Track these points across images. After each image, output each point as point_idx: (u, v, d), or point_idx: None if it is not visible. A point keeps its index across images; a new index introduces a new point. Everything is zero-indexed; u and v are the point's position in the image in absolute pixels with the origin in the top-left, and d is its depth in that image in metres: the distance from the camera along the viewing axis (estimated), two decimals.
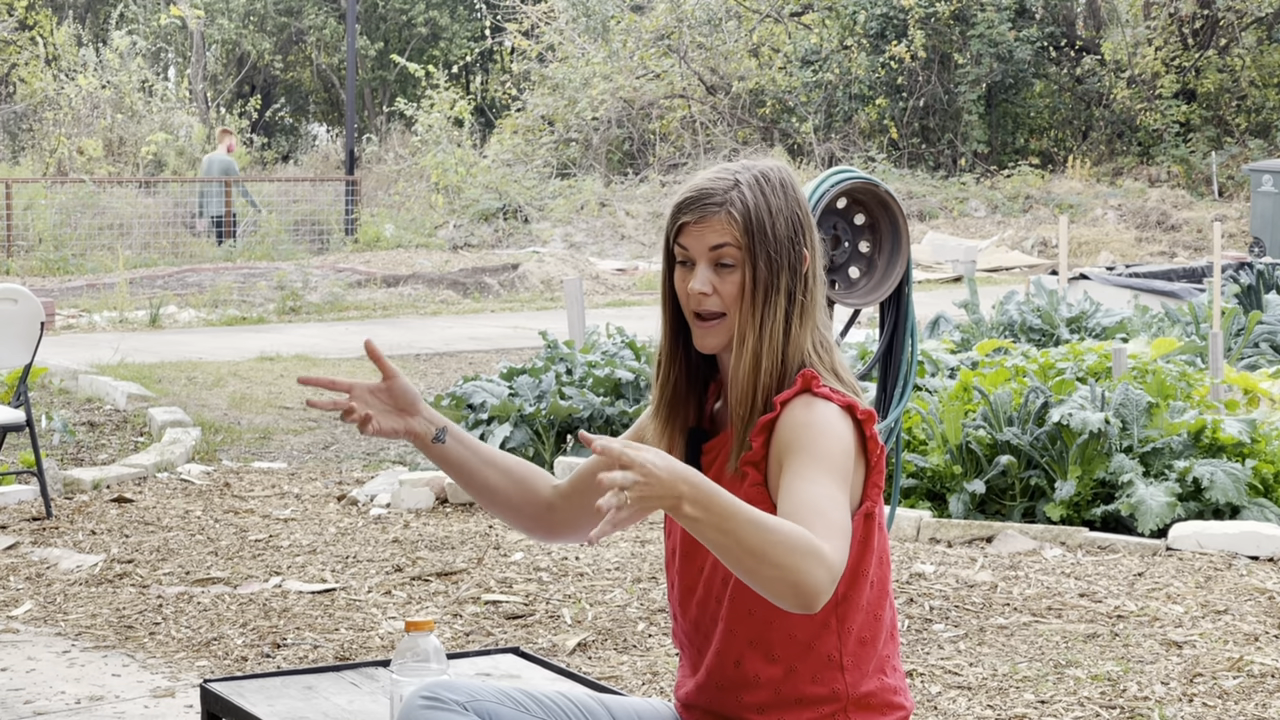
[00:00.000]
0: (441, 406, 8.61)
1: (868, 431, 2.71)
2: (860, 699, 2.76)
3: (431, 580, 6.40)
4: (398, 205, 25.68)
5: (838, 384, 2.73)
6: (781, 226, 2.75)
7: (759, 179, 2.76)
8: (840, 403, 2.69)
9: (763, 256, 2.73)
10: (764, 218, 2.74)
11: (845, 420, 2.69)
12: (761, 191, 2.75)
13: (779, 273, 2.74)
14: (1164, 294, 13.40)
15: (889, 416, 5.79)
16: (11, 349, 7.69)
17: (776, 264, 2.74)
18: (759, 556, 2.45)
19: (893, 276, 5.72)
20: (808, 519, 2.53)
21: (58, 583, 6.48)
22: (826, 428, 2.65)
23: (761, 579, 2.46)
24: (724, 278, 2.74)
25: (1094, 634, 5.62)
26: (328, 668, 3.39)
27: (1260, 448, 7.24)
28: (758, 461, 2.71)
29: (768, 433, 2.70)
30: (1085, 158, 28.62)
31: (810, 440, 2.64)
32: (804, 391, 2.69)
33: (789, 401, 2.69)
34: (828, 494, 2.58)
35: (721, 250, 2.73)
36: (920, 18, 27.64)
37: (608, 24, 30.77)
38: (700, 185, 2.77)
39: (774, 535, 2.45)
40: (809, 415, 2.66)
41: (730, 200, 2.74)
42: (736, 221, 2.73)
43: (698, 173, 2.83)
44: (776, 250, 2.74)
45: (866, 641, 2.76)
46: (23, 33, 30.94)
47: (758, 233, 2.73)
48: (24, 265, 20.71)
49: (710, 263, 2.75)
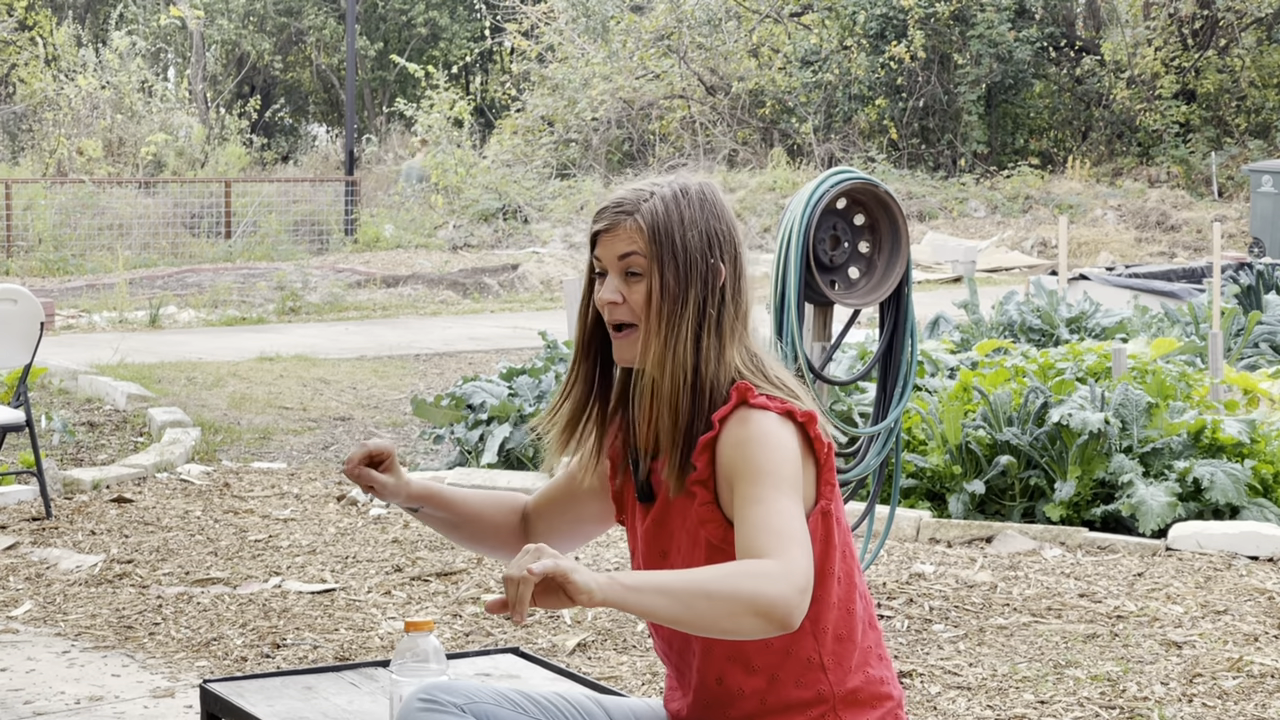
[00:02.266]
0: (441, 407, 8.61)
1: (811, 432, 2.72)
2: (847, 695, 2.76)
3: (431, 580, 6.40)
4: (397, 205, 25.68)
5: (774, 390, 2.73)
6: (694, 239, 2.74)
7: (677, 193, 2.76)
8: (778, 410, 2.69)
9: (670, 267, 2.72)
10: (673, 228, 2.73)
11: (786, 426, 2.69)
12: (676, 204, 2.75)
13: (688, 285, 2.73)
14: (1164, 294, 13.40)
15: (889, 417, 5.79)
16: (11, 349, 7.69)
17: (685, 276, 2.73)
18: (710, 598, 2.50)
19: (892, 277, 5.72)
20: (760, 540, 2.57)
21: (57, 583, 6.48)
22: (766, 439, 2.66)
23: (724, 620, 2.50)
24: (632, 287, 2.74)
25: (1094, 634, 5.62)
26: (327, 668, 3.39)
27: (1260, 448, 7.24)
28: (705, 480, 2.72)
29: (710, 451, 2.71)
30: (1085, 158, 28.62)
31: (751, 457, 2.65)
32: (740, 405, 2.69)
33: (727, 418, 2.69)
34: (776, 509, 2.60)
35: (629, 259, 2.74)
36: (920, 18, 27.63)
37: (607, 24, 30.77)
38: (617, 195, 2.79)
39: (711, 577, 2.51)
40: (746, 430, 2.67)
41: (640, 210, 2.74)
42: (643, 230, 2.73)
43: (622, 185, 2.85)
44: (686, 262, 2.73)
45: (844, 638, 2.76)
46: (23, 33, 30.94)
47: (665, 241, 2.73)
48: (24, 265, 20.71)
49: (620, 272, 2.75)
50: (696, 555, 2.74)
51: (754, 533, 2.59)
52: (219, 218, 23.62)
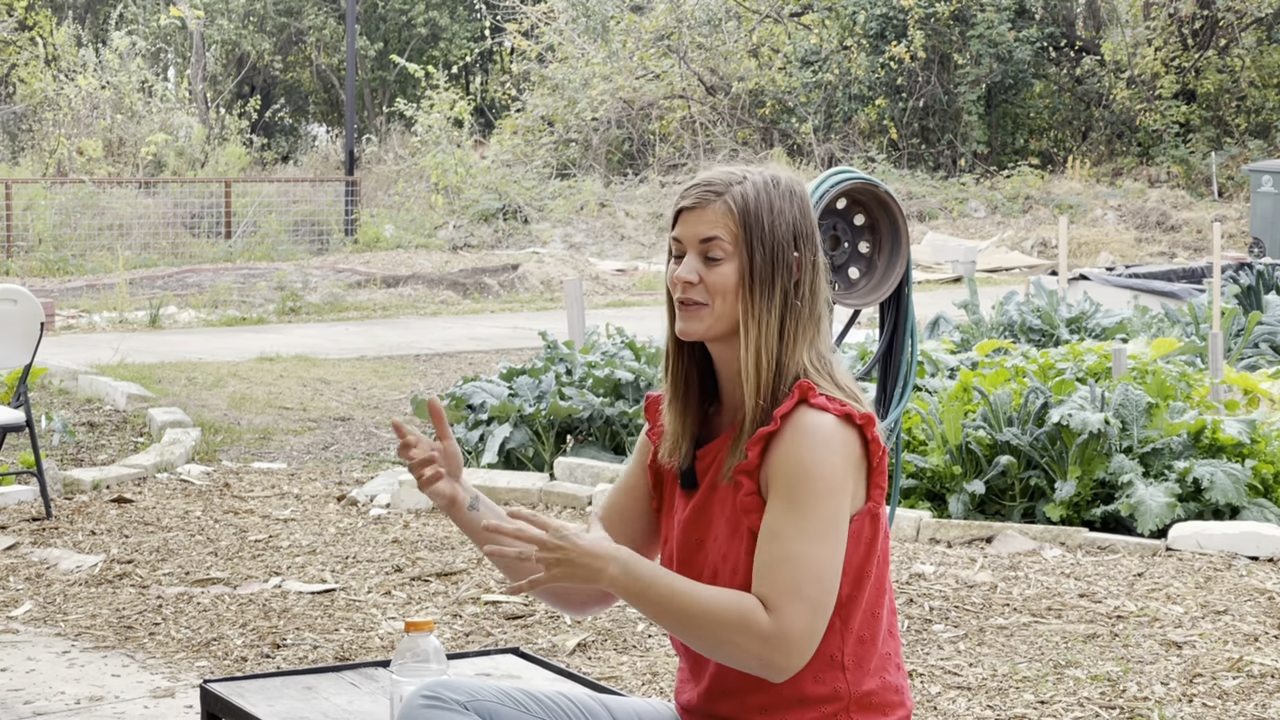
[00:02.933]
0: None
1: (869, 435, 2.72)
2: (862, 697, 2.77)
3: (431, 580, 6.40)
4: (397, 206, 25.68)
5: (836, 391, 2.73)
6: (782, 229, 2.74)
7: (769, 180, 2.76)
8: (837, 412, 2.69)
9: (759, 251, 2.72)
10: (763, 215, 2.73)
11: (844, 429, 2.69)
12: (768, 191, 2.75)
13: (776, 272, 2.73)
14: (1164, 294, 13.40)
15: (889, 417, 5.79)
16: (11, 349, 7.69)
17: (773, 262, 2.73)
18: (702, 636, 2.65)
19: (892, 277, 5.72)
20: (766, 588, 2.66)
21: (57, 583, 6.48)
22: (816, 469, 2.67)
23: (716, 655, 2.68)
24: (711, 269, 2.74)
25: (1094, 634, 5.62)
26: (328, 668, 3.39)
27: (1260, 448, 7.24)
28: (752, 470, 2.73)
29: (764, 444, 2.71)
30: (1085, 158, 28.62)
31: (798, 488, 2.67)
32: (800, 402, 2.70)
33: (788, 415, 2.69)
34: (795, 554, 2.65)
35: (712, 243, 2.73)
36: (920, 18, 27.63)
37: (607, 24, 30.76)
38: (708, 176, 2.78)
39: (704, 615, 2.64)
40: (799, 444, 2.67)
41: (732, 192, 2.74)
42: (733, 213, 2.73)
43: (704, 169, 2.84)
44: (774, 250, 2.73)
45: (866, 640, 2.77)
46: (23, 33, 30.93)
47: (755, 226, 2.73)
48: (24, 266, 20.71)
49: (700, 254, 2.75)
50: (736, 545, 2.75)
51: (764, 577, 2.66)
52: (219, 218, 23.62)
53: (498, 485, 7.81)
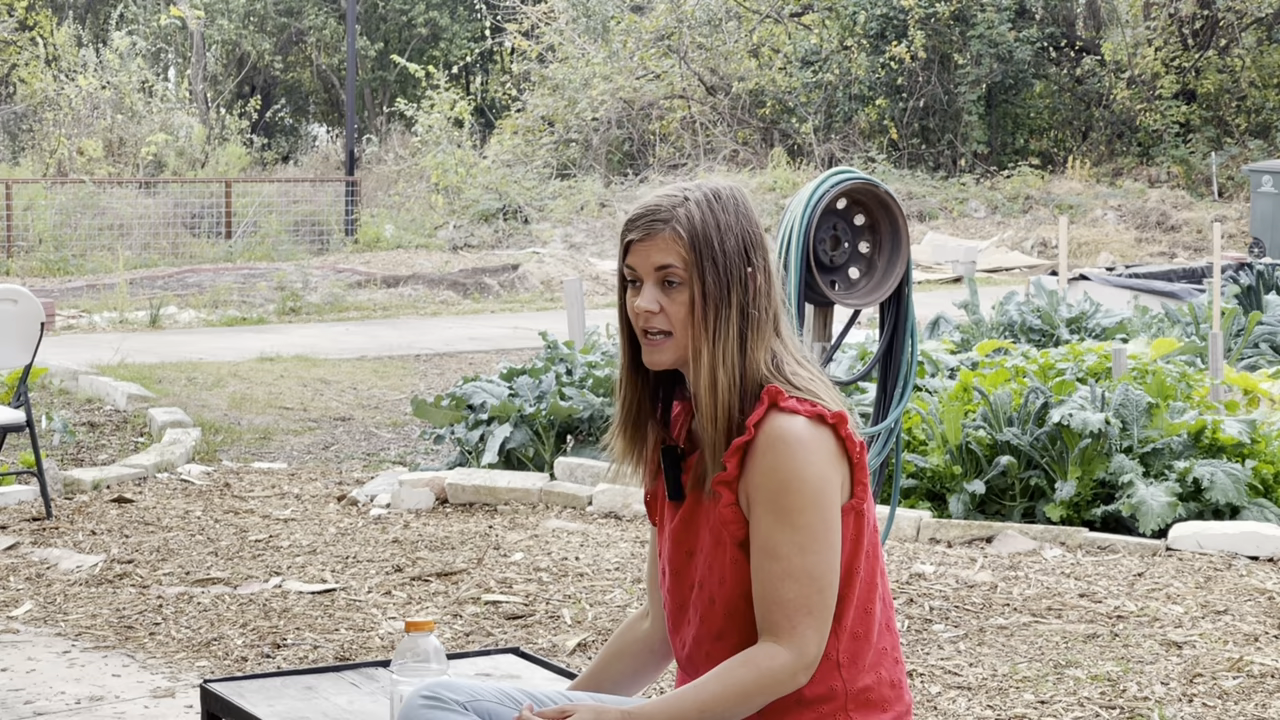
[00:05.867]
0: (442, 407, 8.61)
1: (842, 433, 2.72)
2: (858, 694, 2.77)
3: (431, 580, 6.40)
4: (398, 206, 25.67)
5: (799, 391, 2.73)
6: (731, 243, 2.74)
7: (709, 196, 2.75)
8: (808, 413, 2.70)
9: (710, 273, 2.72)
10: (711, 234, 2.73)
11: (818, 430, 2.70)
12: (710, 209, 2.75)
13: (729, 289, 2.73)
14: (1164, 294, 13.40)
15: (889, 417, 5.79)
16: (11, 349, 7.69)
17: (726, 281, 2.73)
18: (732, 715, 2.69)
19: (893, 277, 5.72)
20: (773, 616, 2.68)
21: (58, 583, 6.48)
22: (799, 477, 2.68)
23: (756, 709, 2.72)
24: (671, 296, 2.74)
25: (1094, 634, 5.62)
26: (328, 668, 3.39)
27: (1260, 448, 7.24)
28: (731, 482, 2.73)
29: (741, 454, 2.71)
30: (1085, 158, 28.61)
31: (784, 499, 2.68)
32: (771, 407, 2.70)
33: (760, 422, 2.70)
34: (791, 569, 2.67)
35: (667, 270, 2.73)
36: (920, 18, 27.63)
37: (608, 24, 30.76)
38: (648, 203, 2.78)
39: (724, 695, 2.68)
40: (775, 452, 2.68)
41: (676, 217, 2.74)
42: (682, 238, 2.73)
43: (650, 190, 2.84)
44: (725, 267, 2.73)
45: (860, 636, 2.77)
46: (23, 33, 30.93)
47: (704, 249, 2.72)
48: (24, 266, 20.71)
49: (657, 281, 2.75)
50: (720, 556, 2.75)
51: (770, 601, 2.68)
52: (219, 218, 23.62)
53: (498, 485, 7.81)
